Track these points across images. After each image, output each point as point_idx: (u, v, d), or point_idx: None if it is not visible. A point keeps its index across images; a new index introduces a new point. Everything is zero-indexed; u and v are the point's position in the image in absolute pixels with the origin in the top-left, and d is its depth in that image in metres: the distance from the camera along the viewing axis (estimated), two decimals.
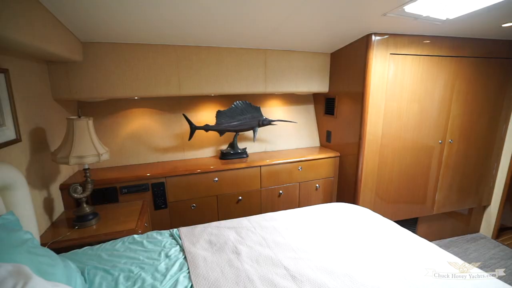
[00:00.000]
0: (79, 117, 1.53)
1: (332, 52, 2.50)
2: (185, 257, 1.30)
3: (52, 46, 1.37)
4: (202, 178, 2.14)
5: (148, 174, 2.00)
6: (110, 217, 1.72)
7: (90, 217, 1.62)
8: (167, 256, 1.31)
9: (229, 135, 2.49)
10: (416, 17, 1.67)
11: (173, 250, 1.36)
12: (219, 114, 2.32)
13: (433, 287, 1.08)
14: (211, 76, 2.17)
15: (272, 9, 1.53)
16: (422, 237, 1.50)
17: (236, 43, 2.14)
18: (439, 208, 2.58)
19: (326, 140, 2.76)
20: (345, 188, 2.51)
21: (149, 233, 1.53)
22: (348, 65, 2.31)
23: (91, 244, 1.43)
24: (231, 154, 2.40)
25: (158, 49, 2.00)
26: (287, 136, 2.80)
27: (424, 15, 1.65)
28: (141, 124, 2.34)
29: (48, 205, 1.63)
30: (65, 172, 1.92)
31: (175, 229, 1.57)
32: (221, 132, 2.37)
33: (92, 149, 1.53)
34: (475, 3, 1.48)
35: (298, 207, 2.38)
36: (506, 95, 2.48)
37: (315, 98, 2.92)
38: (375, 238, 1.45)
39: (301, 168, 2.42)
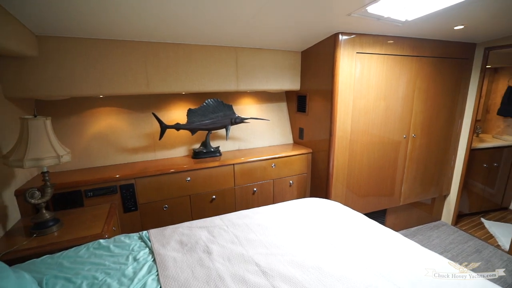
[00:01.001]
0: (35, 116, 1.42)
1: (303, 51, 2.55)
2: (154, 260, 1.26)
3: None
4: (174, 178, 2.09)
5: (117, 176, 1.91)
6: (73, 222, 1.62)
7: (51, 223, 1.51)
8: (135, 259, 1.27)
9: (201, 134, 2.45)
10: (378, 18, 1.75)
11: (142, 253, 1.32)
12: (190, 112, 2.27)
13: (394, 274, 1.14)
14: (181, 74, 2.12)
15: (240, 5, 1.52)
16: (390, 227, 1.59)
17: (206, 40, 2.11)
18: (405, 199, 2.74)
19: (299, 137, 2.82)
20: (318, 183, 2.58)
21: (116, 237, 1.46)
22: (317, 63, 2.37)
23: (52, 253, 1.34)
24: (204, 153, 2.36)
25: (125, 45, 1.91)
26: (260, 134, 2.81)
27: (386, 16, 1.73)
28: (108, 123, 2.23)
29: (1, 213, 1.50)
30: (22, 177, 1.77)
31: (144, 231, 1.52)
32: (193, 131, 2.33)
33: (51, 150, 1.43)
34: (429, 6, 1.58)
35: (273, 203, 2.40)
36: (460, 92, 2.69)
37: (288, 95, 2.96)
38: (344, 230, 1.51)
39: (274, 165, 2.45)
